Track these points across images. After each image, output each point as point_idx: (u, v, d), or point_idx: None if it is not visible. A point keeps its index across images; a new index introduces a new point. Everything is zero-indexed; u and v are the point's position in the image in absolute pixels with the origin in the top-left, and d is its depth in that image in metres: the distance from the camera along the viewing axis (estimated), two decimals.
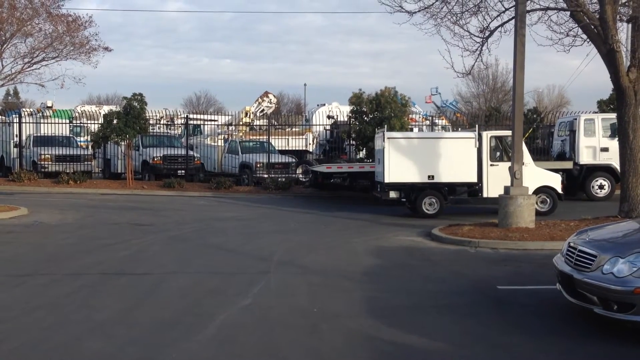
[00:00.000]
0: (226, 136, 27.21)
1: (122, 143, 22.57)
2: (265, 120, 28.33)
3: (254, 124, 28.29)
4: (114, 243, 11.52)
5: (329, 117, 26.62)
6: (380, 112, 20.72)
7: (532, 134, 24.45)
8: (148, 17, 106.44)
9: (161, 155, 23.89)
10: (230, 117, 28.72)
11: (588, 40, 13.01)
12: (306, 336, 6.23)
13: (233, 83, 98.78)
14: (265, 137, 25.46)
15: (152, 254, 10.62)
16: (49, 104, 27.12)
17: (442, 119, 28.71)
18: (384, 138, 15.83)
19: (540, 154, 23.71)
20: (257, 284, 8.33)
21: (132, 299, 7.53)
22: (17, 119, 25.76)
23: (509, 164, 15.17)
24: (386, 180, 15.78)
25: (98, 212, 16.20)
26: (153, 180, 23.57)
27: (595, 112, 23.17)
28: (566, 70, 73.27)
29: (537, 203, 15.23)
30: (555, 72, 79.29)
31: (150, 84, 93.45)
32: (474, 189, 15.95)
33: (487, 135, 15.98)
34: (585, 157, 19.71)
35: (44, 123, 26.00)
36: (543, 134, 25.72)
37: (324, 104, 29.44)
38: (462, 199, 16.27)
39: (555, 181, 15.88)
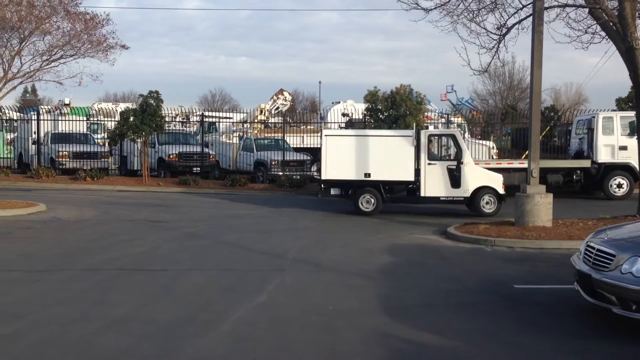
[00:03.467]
0: (241, 134, 27.27)
1: (138, 140, 22.70)
2: (280, 118, 28.36)
3: (269, 121, 28.35)
4: (130, 239, 11.61)
5: (343, 114, 26.58)
6: (395, 110, 20.66)
7: (549, 132, 24.25)
8: (165, 15, 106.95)
9: (177, 152, 24.00)
10: (245, 114, 28.78)
11: (607, 37, 12.87)
12: (321, 334, 6.23)
13: (248, 81, 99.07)
14: (280, 134, 25.47)
15: (167, 251, 10.69)
16: (67, 102, 27.40)
17: (458, 117, 28.55)
18: (321, 135, 16.01)
19: (558, 153, 23.53)
20: (272, 282, 8.35)
21: (148, 295, 7.59)
22: (36, 116, 26.03)
23: (446, 163, 15.53)
24: (323, 177, 16.05)
25: (114, 208, 16.32)
26: (169, 177, 23.66)
27: (614, 110, 22.92)
28: (584, 68, 72.55)
29: (482, 204, 15.35)
30: (573, 69, 78.73)
31: (166, 81, 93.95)
32: (411, 188, 15.75)
33: (425, 134, 15.80)
34: (603, 155, 19.48)
35: (61, 120, 26.26)
36: (560, 132, 25.50)
37: (339, 102, 29.40)
38: (401, 197, 16.18)
39: (495, 181, 15.44)
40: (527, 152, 15.34)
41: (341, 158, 15.88)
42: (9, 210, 14.75)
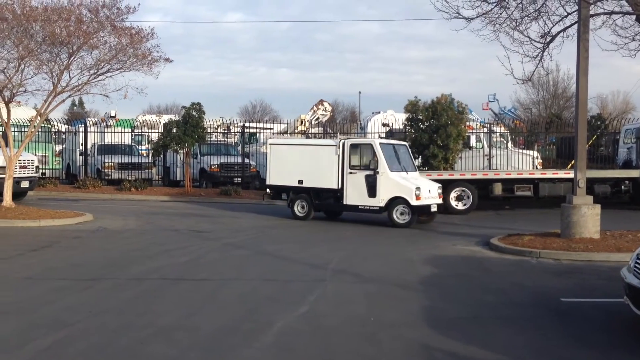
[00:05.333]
0: None
1: (181, 151, 23.09)
2: (320, 129, 28.47)
3: (309, 132, 28.48)
4: (174, 249, 11.78)
5: (384, 125, 26.51)
6: (436, 120, 20.48)
7: (596, 142, 23.70)
8: (207, 29, 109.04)
9: (218, 163, 24.33)
10: (285, 125, 28.99)
11: None
12: (363, 345, 6.20)
13: (289, 91, 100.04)
14: None
15: (210, 261, 10.81)
16: (113, 114, 28.05)
17: (500, 127, 28.15)
18: (267, 144, 17.64)
19: (605, 162, 22.96)
20: (313, 292, 8.36)
21: (192, 305, 7.68)
22: (83, 128, 26.76)
23: (365, 172, 15.74)
24: (267, 183, 17.56)
25: (158, 218, 16.61)
26: (210, 187, 24.00)
27: None
28: (632, 75, 70.61)
29: (396, 215, 15.35)
30: (620, 77, 76.70)
31: (208, 93, 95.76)
32: (337, 195, 16.19)
33: (347, 143, 16.15)
34: None
35: (107, 132, 26.93)
36: (607, 141, 24.90)
37: (379, 112, 29.33)
38: (329, 204, 16.68)
39: (407, 192, 15.12)
40: (572, 162, 15.01)
41: (282, 165, 17.09)
42: (57, 220, 15.17)
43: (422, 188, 15.34)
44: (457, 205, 18.41)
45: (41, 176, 23.04)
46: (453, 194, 18.39)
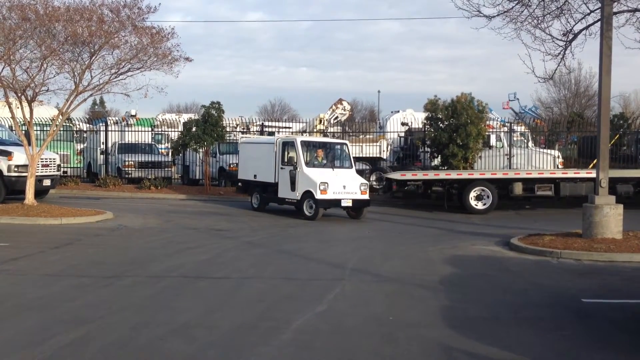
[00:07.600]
0: None
1: (200, 150, 23.20)
2: (339, 128, 28.42)
3: (328, 131, 28.46)
4: (193, 247, 11.85)
5: (403, 124, 26.38)
6: (455, 119, 20.37)
7: (618, 141, 23.37)
8: (228, 28, 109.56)
9: (237, 162, 24.37)
10: (304, 124, 28.99)
11: None
12: (382, 345, 6.18)
13: (308, 91, 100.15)
14: None
15: (229, 259, 10.85)
16: (133, 113, 28.27)
17: (521, 126, 27.88)
18: (239, 142, 20.20)
19: (628, 162, 22.64)
20: (332, 291, 8.35)
21: (211, 302, 7.72)
22: (104, 127, 27.03)
23: (290, 168, 16.87)
24: (238, 177, 19.58)
25: (177, 217, 16.71)
26: (229, 186, 24.09)
27: None
28: None
29: (306, 208, 16.40)
30: None
31: (228, 92, 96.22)
32: (274, 189, 17.50)
33: (279, 141, 17.64)
34: None
35: (128, 131, 27.15)
36: (630, 140, 24.54)
37: (398, 111, 29.21)
38: (272, 198, 17.77)
39: (313, 186, 16.09)
40: (594, 162, 14.82)
41: (246, 161, 19.05)
42: (78, 218, 15.33)
43: (331, 184, 16.11)
44: (476, 205, 18.30)
45: (63, 175, 23.25)
46: (472, 194, 18.28)
